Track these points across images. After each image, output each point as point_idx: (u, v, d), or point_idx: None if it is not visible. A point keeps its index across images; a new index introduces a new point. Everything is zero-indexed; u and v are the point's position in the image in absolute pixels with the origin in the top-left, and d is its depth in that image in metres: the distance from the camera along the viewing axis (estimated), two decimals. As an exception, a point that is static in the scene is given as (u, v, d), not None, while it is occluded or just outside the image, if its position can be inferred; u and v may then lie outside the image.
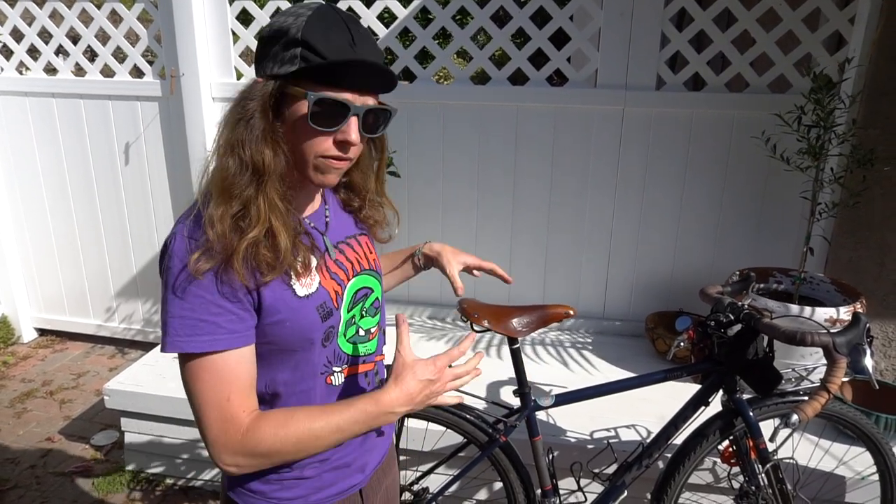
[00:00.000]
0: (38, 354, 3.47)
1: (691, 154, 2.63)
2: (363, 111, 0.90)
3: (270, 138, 0.88)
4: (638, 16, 2.50)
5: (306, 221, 1.01)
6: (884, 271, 2.34)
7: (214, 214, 0.86)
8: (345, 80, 0.88)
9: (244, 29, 2.81)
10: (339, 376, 1.03)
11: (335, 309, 0.99)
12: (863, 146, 2.17)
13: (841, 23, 2.37)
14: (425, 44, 2.69)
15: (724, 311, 1.56)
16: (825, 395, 1.31)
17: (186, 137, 2.90)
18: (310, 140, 0.90)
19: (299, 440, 0.89)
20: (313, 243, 0.97)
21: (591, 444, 2.06)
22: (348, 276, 1.04)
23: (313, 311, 0.95)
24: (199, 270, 0.85)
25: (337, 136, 0.90)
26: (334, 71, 0.87)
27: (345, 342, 1.03)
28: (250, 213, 0.87)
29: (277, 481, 1.01)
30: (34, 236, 3.41)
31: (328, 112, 0.88)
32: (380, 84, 0.92)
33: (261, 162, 0.87)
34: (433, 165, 2.80)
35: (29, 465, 2.55)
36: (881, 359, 2.38)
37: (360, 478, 1.09)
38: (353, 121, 0.90)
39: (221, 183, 0.88)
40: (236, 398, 0.88)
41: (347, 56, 0.87)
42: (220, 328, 0.87)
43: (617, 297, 2.87)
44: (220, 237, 0.85)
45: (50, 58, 3.10)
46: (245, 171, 0.87)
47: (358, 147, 0.93)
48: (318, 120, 0.87)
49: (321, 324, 0.97)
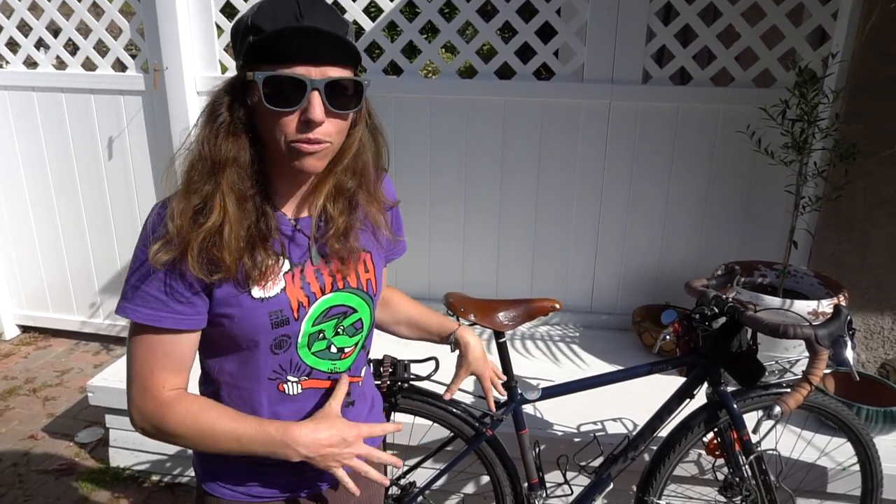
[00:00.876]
0: (20, 352, 3.42)
1: (677, 148, 2.65)
2: (323, 84, 0.83)
3: (231, 131, 0.87)
4: (624, 10, 2.50)
5: (290, 222, 0.97)
6: (865, 265, 2.37)
7: (176, 208, 0.88)
8: (293, 53, 0.83)
9: (228, 22, 2.78)
10: (294, 386, 1.00)
11: (293, 319, 0.96)
12: (845, 141, 2.19)
13: (824, 18, 2.39)
14: (412, 37, 2.68)
15: (708, 305, 1.57)
16: (807, 387, 1.33)
17: (170, 132, 2.87)
18: (273, 124, 0.86)
19: (201, 433, 0.91)
20: (285, 248, 0.95)
21: (577, 437, 2.07)
22: (324, 290, 0.99)
23: (265, 315, 0.93)
24: (158, 261, 0.87)
25: (301, 115, 0.85)
26: (277, 43, 0.82)
27: (307, 353, 1.00)
28: (207, 206, 0.88)
29: (223, 465, 1.04)
30: (15, 232, 3.37)
31: (282, 91, 0.83)
32: (336, 52, 0.85)
33: (219, 156, 0.87)
34: (420, 159, 2.79)
35: (11, 463, 2.52)
36: (862, 351, 2.41)
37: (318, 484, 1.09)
38: (313, 96, 0.83)
39: (186, 177, 0.89)
40: (160, 373, 0.92)
41: (288, 24, 0.82)
42: (166, 307, 0.89)
43: (604, 291, 2.88)
44: (178, 230, 0.86)
45: (30, 51, 3.05)
46: (206, 166, 0.88)
47: (330, 126, 0.87)
48: (273, 100, 0.83)
49: (270, 330, 0.94)
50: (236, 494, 1.04)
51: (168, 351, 0.92)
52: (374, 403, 1.20)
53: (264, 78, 0.83)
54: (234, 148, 0.87)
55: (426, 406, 1.70)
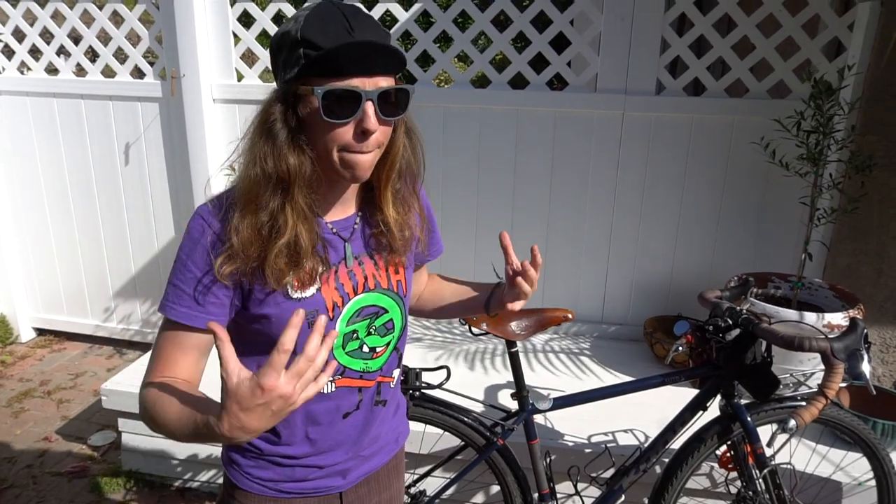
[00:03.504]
0: (36, 354, 3.46)
1: (691, 159, 2.64)
2: (376, 94, 0.87)
3: (293, 144, 0.90)
4: (638, 20, 2.50)
5: (328, 226, 1.00)
6: (882, 277, 2.34)
7: (241, 224, 0.90)
8: (348, 66, 0.86)
9: (245, 30, 2.82)
10: (328, 384, 1.02)
11: (328, 319, 0.98)
12: (861, 152, 2.18)
13: (840, 29, 2.38)
14: (426, 47, 2.70)
15: (722, 316, 1.56)
16: (822, 401, 1.32)
17: (186, 138, 2.90)
18: (328, 135, 0.89)
19: (155, 416, 0.89)
20: (327, 252, 0.98)
21: (588, 448, 2.06)
22: (356, 290, 1.02)
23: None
24: (224, 274, 0.91)
25: (356, 125, 0.88)
26: (334, 59, 0.85)
27: (341, 353, 1.02)
28: (279, 222, 0.90)
29: (254, 458, 1.06)
30: (33, 236, 3.41)
31: (339, 103, 0.86)
32: (386, 63, 0.89)
33: (286, 171, 0.89)
34: (433, 168, 2.79)
35: (26, 464, 2.55)
36: (878, 364, 2.38)
37: (339, 482, 1.10)
38: (368, 106, 0.87)
39: (247, 193, 0.90)
40: (165, 362, 0.95)
41: (344, 41, 0.85)
42: (203, 309, 0.93)
43: (616, 302, 2.87)
44: (244, 245, 0.89)
45: (51, 58, 3.10)
46: (270, 182, 0.90)
47: (380, 134, 0.90)
48: (330, 113, 0.86)
49: (306, 329, 0.94)
50: (263, 488, 1.06)
51: (190, 347, 0.95)
52: (399, 406, 1.22)
53: (323, 92, 0.85)
54: (298, 162, 0.90)
55: (437, 414, 1.70)
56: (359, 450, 1.10)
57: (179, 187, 3.09)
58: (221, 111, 2.90)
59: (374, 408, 1.10)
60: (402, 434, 1.23)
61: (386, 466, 1.18)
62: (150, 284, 3.33)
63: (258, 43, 2.87)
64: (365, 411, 1.08)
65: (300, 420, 1.04)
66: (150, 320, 3.39)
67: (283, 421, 1.02)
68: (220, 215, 0.92)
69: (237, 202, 0.91)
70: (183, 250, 0.93)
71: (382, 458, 1.16)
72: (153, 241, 3.25)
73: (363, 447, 1.11)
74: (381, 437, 1.15)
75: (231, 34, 2.81)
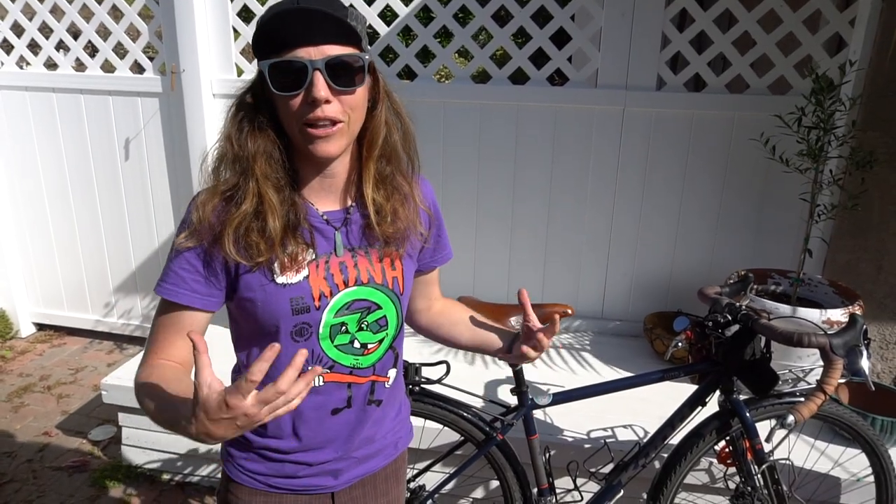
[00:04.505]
0: (36, 349, 3.47)
1: (691, 155, 2.63)
2: (323, 63, 0.86)
3: (252, 124, 0.93)
4: (639, 16, 2.50)
5: (321, 215, 1.00)
6: (881, 274, 2.34)
7: (200, 199, 0.94)
8: (290, 38, 0.86)
9: (245, 25, 2.81)
10: (317, 378, 1.01)
11: (314, 308, 0.98)
12: (862, 148, 2.18)
13: (841, 25, 2.37)
14: (426, 42, 2.69)
15: (721, 312, 1.57)
16: (821, 397, 1.32)
17: (187, 133, 2.90)
18: (285, 110, 0.90)
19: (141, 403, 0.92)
20: (314, 238, 0.98)
21: (587, 443, 2.06)
22: (347, 283, 1.00)
23: (286, 300, 0.96)
24: (182, 247, 0.94)
25: (304, 96, 0.87)
26: (277, 32, 0.86)
27: (329, 346, 1.01)
28: (239, 192, 0.93)
29: (245, 450, 1.07)
30: (33, 231, 3.41)
31: (286, 75, 0.87)
32: (332, 31, 0.87)
33: (243, 150, 0.92)
34: (432, 163, 2.80)
35: (26, 459, 2.55)
36: (878, 361, 2.38)
37: (331, 482, 1.09)
38: (316, 76, 0.86)
39: (213, 171, 0.95)
40: (161, 344, 0.98)
41: (283, 9, 0.84)
42: (185, 284, 0.95)
43: (616, 297, 2.87)
44: (202, 220, 0.92)
45: (50, 52, 3.09)
46: (233, 157, 0.93)
47: (339, 104, 0.89)
48: (279, 85, 0.88)
49: (291, 316, 0.97)
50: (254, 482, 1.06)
51: (182, 326, 0.97)
52: (401, 408, 1.21)
53: (269, 65, 0.87)
54: (261, 142, 0.92)
55: (437, 409, 1.70)
56: (350, 450, 1.08)
57: (179, 182, 3.09)
58: (221, 106, 2.89)
59: (367, 407, 1.08)
60: (404, 439, 1.20)
61: (384, 471, 1.16)
62: (150, 279, 3.33)
63: (258, 38, 2.86)
64: (357, 410, 1.07)
65: (287, 414, 1.02)
66: (150, 315, 3.39)
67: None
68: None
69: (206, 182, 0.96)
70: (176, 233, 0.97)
71: (379, 461, 1.15)
72: (153, 235, 3.25)
73: (355, 447, 1.09)
74: (377, 439, 1.13)
75: (231, 29, 2.81)
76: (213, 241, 0.93)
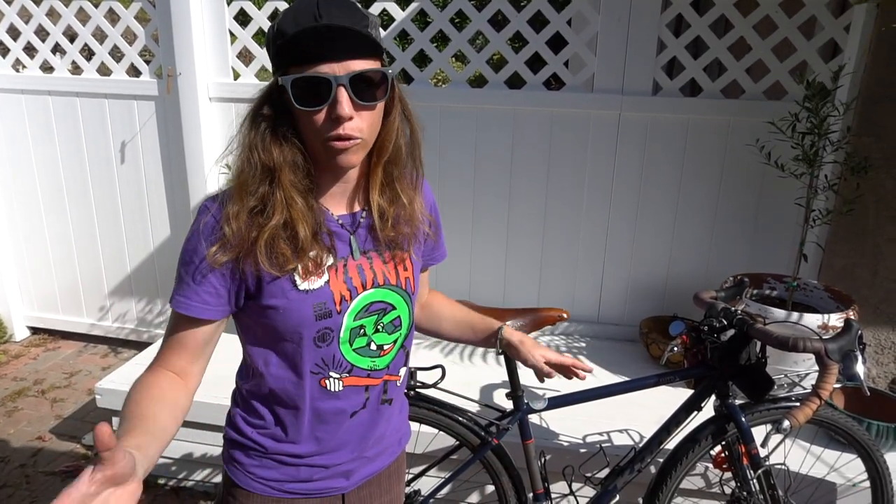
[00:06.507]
0: (30, 353, 3.45)
1: (687, 159, 2.64)
2: (347, 79, 0.85)
3: (274, 135, 0.91)
4: (635, 21, 2.51)
5: (334, 218, 1.00)
6: (877, 279, 2.35)
7: (231, 212, 0.91)
8: (314, 52, 0.85)
9: (241, 29, 2.81)
10: (336, 383, 1.02)
11: (336, 312, 0.98)
12: (857, 153, 2.18)
13: (836, 31, 2.38)
14: (423, 46, 2.70)
15: (717, 317, 1.57)
16: (817, 402, 1.32)
17: (182, 137, 2.90)
18: (307, 124, 0.89)
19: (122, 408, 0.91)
20: (333, 242, 0.98)
21: (583, 447, 2.06)
22: (365, 285, 1.01)
23: (309, 307, 0.96)
24: (217, 262, 0.91)
25: (328, 112, 0.87)
26: (298, 46, 0.85)
27: (349, 350, 1.02)
28: (267, 206, 0.91)
29: (258, 457, 1.05)
30: (28, 234, 3.40)
31: (309, 90, 0.86)
32: (357, 46, 0.87)
33: (269, 160, 0.91)
34: (429, 168, 2.77)
35: (19, 464, 2.54)
36: (873, 366, 2.39)
37: (343, 483, 1.10)
38: (340, 92, 0.86)
39: (239, 183, 0.92)
40: (167, 352, 0.96)
41: (307, 25, 0.84)
42: (197, 296, 0.93)
43: (612, 302, 2.88)
44: (235, 233, 0.90)
45: (46, 56, 3.09)
46: (257, 170, 0.91)
47: (361, 120, 0.89)
48: (302, 101, 0.87)
49: (314, 322, 0.96)
50: (266, 488, 1.06)
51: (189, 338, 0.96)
52: (403, 406, 1.22)
53: (291, 80, 0.86)
54: (286, 152, 0.91)
55: (432, 414, 1.70)
56: (363, 450, 1.09)
57: (175, 186, 3.08)
58: (218, 110, 2.89)
59: (381, 406, 1.09)
60: (405, 436, 1.22)
61: (388, 469, 1.17)
62: (145, 283, 3.32)
63: (254, 41, 2.86)
64: (371, 410, 1.07)
65: (307, 419, 1.03)
66: (145, 319, 3.38)
67: (290, 419, 1.03)
68: (217, 207, 0.93)
69: (232, 193, 0.93)
70: (188, 242, 0.94)
71: (385, 459, 1.16)
72: (149, 239, 3.24)
73: (368, 447, 1.10)
74: (386, 437, 1.14)
75: (227, 33, 2.81)
76: (246, 253, 0.92)
